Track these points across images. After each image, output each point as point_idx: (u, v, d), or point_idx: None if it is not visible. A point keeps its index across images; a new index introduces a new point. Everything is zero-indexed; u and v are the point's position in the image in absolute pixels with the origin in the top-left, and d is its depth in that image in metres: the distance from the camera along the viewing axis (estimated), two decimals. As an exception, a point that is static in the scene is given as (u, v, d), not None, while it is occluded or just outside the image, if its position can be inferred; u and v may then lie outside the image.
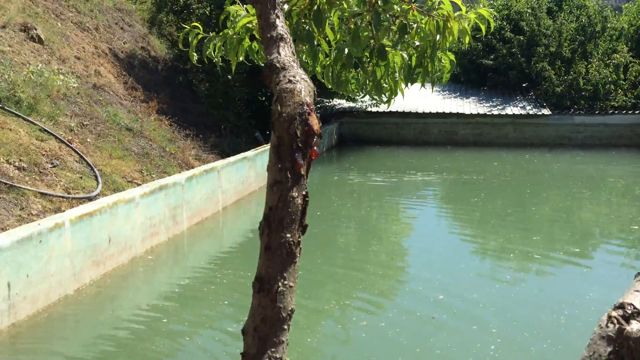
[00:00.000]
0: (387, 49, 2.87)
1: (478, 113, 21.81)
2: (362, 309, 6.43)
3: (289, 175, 1.52)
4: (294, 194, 1.55)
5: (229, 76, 15.16)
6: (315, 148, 1.57)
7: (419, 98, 21.04)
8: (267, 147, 13.60)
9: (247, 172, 12.17)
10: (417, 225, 10.90)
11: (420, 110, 21.83)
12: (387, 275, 7.77)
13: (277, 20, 1.80)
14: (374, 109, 21.48)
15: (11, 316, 5.66)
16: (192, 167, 11.33)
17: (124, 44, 15.11)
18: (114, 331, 5.84)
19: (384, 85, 2.99)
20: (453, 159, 18.58)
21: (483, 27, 2.90)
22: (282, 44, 1.72)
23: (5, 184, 7.39)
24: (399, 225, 11.13)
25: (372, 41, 2.87)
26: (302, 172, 1.55)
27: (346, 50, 2.84)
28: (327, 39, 2.91)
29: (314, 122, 1.54)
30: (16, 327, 5.66)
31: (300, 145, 1.52)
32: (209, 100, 15.49)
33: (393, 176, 15.77)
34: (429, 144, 21.25)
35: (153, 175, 10.25)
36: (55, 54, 11.79)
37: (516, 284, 7.22)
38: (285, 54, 1.70)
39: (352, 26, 2.86)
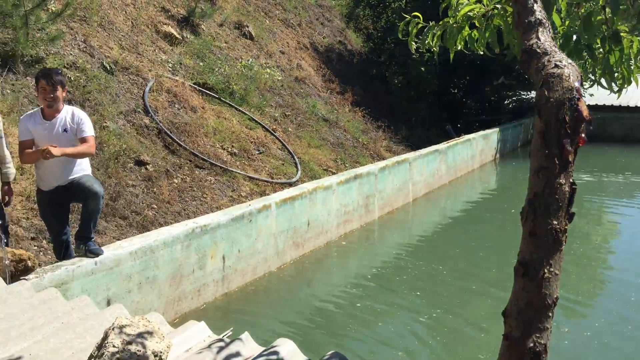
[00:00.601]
0: (622, 34, 2.63)
1: None
2: (563, 314, 6.02)
3: (556, 162, 1.49)
4: (561, 180, 1.50)
5: (422, 68, 15.11)
6: (582, 135, 1.52)
7: (630, 90, 18.88)
8: (459, 140, 13.34)
9: (438, 164, 12.05)
10: (624, 228, 9.89)
11: (632, 104, 19.68)
12: (591, 279, 7.19)
13: (535, 5, 1.76)
14: (577, 103, 19.84)
15: (224, 286, 6.29)
16: (383, 158, 11.52)
17: (323, 38, 15.81)
18: (310, 308, 6.19)
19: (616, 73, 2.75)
20: (671, 159, 16.50)
21: None
22: (541, 29, 1.68)
23: (220, 167, 8.20)
24: (603, 227, 10.19)
25: (604, 26, 2.66)
26: (570, 159, 1.50)
27: (574, 37, 2.66)
28: (552, 25, 2.75)
29: (584, 107, 1.49)
30: (228, 296, 6.28)
31: (568, 131, 1.47)
32: (401, 92, 15.58)
33: (597, 175, 14.47)
34: (642, 143, 19.09)
35: (346, 165, 10.62)
36: (263, 49, 12.74)
37: None
38: (545, 39, 1.65)
39: (582, 11, 2.68)
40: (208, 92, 9.77)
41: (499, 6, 2.95)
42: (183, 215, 6.96)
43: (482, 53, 3.05)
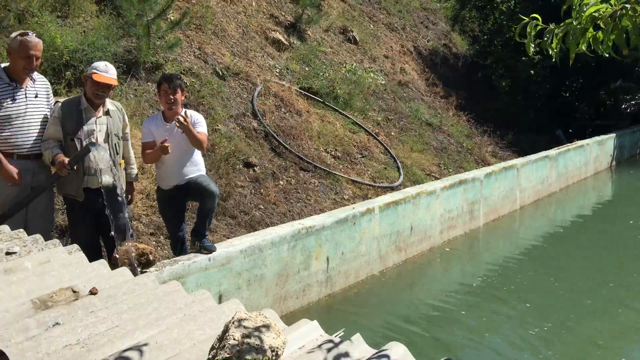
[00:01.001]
0: None
1: None
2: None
3: None
4: None
5: (532, 71, 14.53)
6: None
7: None
8: (571, 146, 12.68)
9: (548, 171, 11.52)
10: None
11: None
12: None
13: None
14: None
15: (328, 287, 6.38)
16: (489, 164, 11.20)
17: (428, 41, 15.62)
18: (414, 313, 6.13)
19: None
20: None
21: None
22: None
23: (324, 170, 8.32)
24: None
25: None
26: None
27: None
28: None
29: None
30: (331, 298, 6.36)
31: None
32: (508, 96, 15.08)
33: None
34: None
35: (450, 170, 10.42)
36: (367, 54, 12.80)
37: None
38: None
39: None
40: (313, 96, 9.96)
41: (627, 6, 2.79)
42: (288, 217, 7.13)
43: (607, 55, 2.90)
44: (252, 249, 5.40)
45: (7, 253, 3.34)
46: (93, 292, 2.95)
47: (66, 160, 4.22)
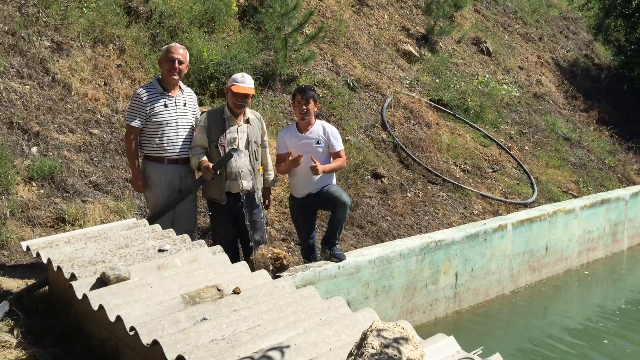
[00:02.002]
0: None
1: None
2: None
3: None
4: None
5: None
6: None
7: None
8: None
9: None
10: None
11: None
12: None
13: None
14: None
15: (456, 304, 6.22)
16: (634, 183, 10.37)
17: (567, 52, 14.81)
18: (547, 338, 5.80)
19: None
20: None
21: None
22: None
23: (453, 183, 8.13)
24: None
25: None
26: None
27: None
28: None
29: None
30: (459, 314, 6.19)
31: None
32: (658, 110, 13.88)
33: None
34: None
35: (589, 188, 9.77)
36: (500, 65, 12.38)
37: None
38: None
39: None
40: (443, 108, 9.79)
41: None
42: (415, 229, 7.05)
43: None
44: (380, 260, 5.40)
45: (160, 250, 3.61)
46: (236, 292, 3.10)
47: (210, 165, 4.48)
